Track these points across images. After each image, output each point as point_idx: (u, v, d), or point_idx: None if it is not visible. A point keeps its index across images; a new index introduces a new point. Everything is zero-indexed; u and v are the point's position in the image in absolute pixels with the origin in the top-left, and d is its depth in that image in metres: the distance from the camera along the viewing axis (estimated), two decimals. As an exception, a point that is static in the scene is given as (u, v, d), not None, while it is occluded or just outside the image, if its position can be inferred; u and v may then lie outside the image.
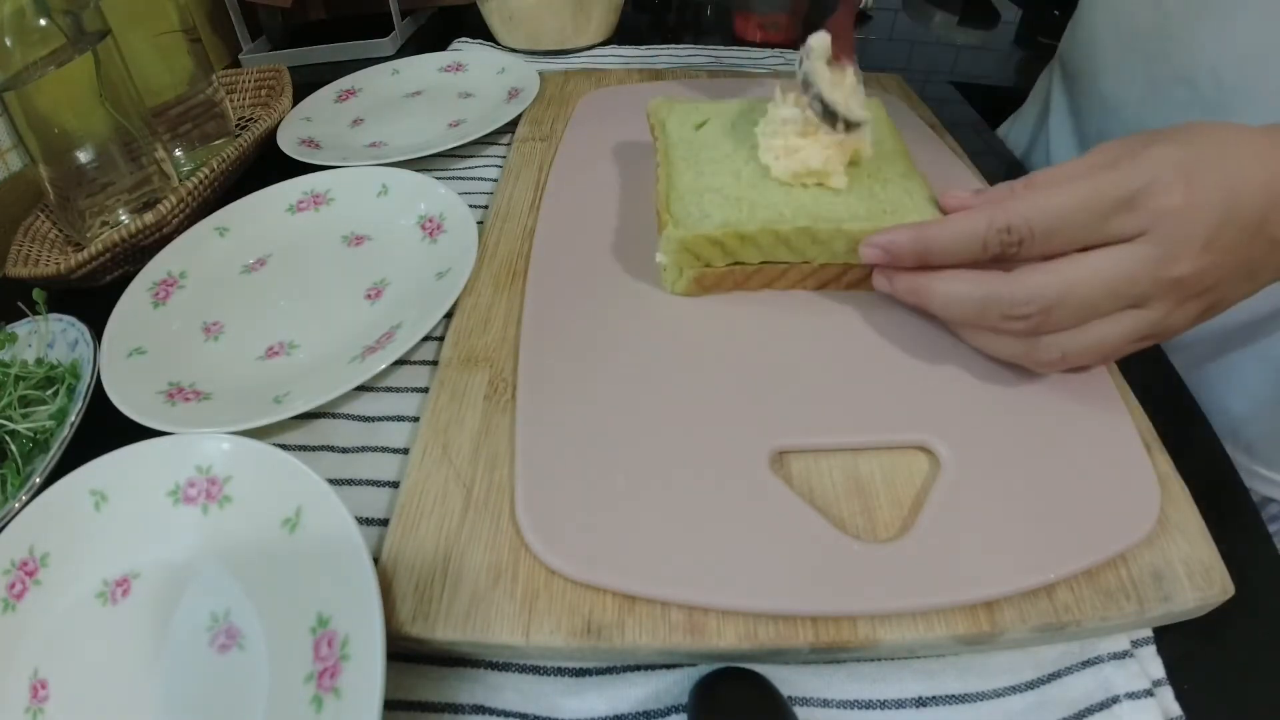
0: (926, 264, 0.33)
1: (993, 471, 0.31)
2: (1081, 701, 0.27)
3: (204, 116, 0.59)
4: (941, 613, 0.27)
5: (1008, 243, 0.30)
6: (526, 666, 0.29)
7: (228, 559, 0.30)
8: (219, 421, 0.35)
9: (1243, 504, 0.34)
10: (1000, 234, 0.30)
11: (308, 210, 0.51)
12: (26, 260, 0.47)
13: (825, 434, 0.33)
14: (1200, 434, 0.37)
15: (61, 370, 0.38)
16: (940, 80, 0.73)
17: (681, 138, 0.44)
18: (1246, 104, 0.42)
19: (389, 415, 0.38)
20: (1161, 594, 0.28)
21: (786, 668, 0.28)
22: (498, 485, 0.32)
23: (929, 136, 0.54)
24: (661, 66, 0.72)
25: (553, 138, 0.55)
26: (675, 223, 0.37)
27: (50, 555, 0.30)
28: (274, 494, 0.30)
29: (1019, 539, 0.29)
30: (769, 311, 0.39)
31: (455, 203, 0.47)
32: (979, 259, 0.31)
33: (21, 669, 0.28)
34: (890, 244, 0.34)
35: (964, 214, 0.32)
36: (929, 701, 0.27)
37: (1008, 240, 0.30)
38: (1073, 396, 0.34)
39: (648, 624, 0.27)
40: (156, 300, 0.44)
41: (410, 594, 0.28)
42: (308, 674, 0.26)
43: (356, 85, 0.68)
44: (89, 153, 0.48)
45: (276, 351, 0.41)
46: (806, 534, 0.29)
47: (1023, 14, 0.94)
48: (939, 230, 0.32)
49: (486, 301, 0.41)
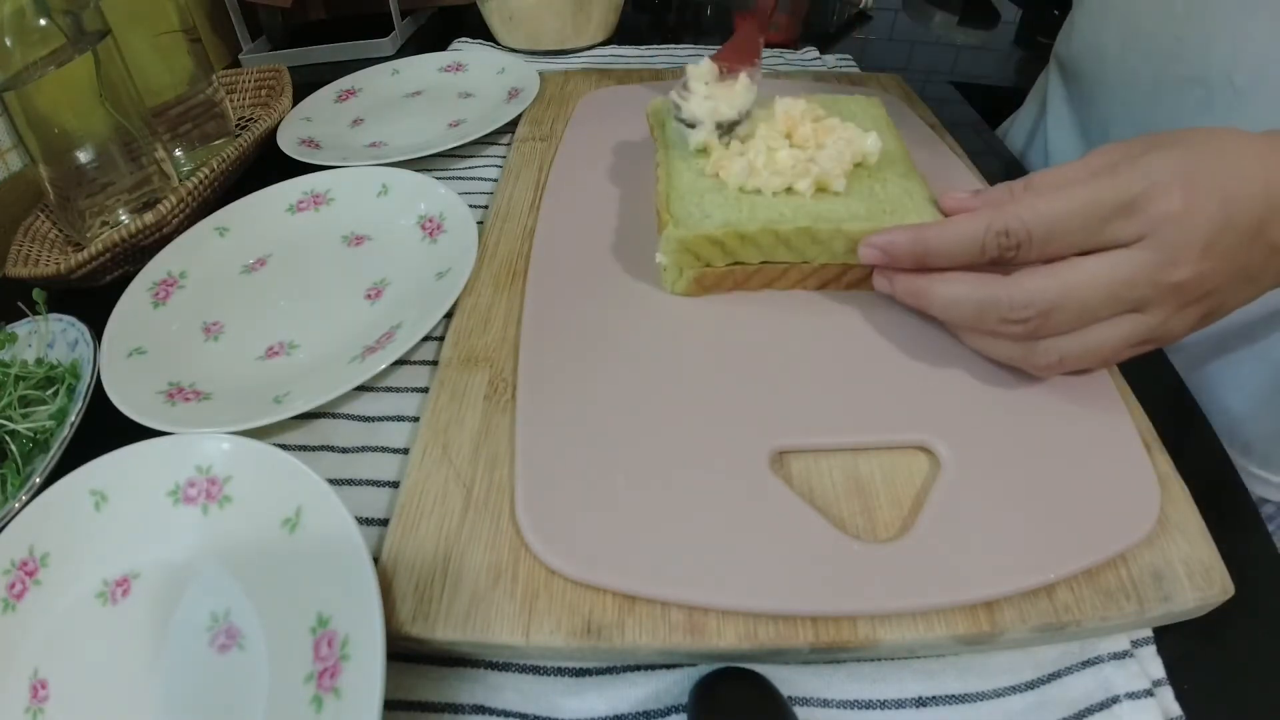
0: (925, 266, 0.33)
1: (993, 472, 0.31)
2: (1081, 701, 0.27)
3: (204, 116, 0.59)
4: (941, 613, 0.27)
5: (1005, 246, 0.30)
6: (526, 666, 0.29)
7: (228, 559, 0.30)
8: (219, 421, 0.35)
9: (1243, 504, 0.34)
10: (998, 237, 0.30)
11: (308, 210, 0.51)
12: (26, 260, 0.47)
13: (825, 434, 0.33)
14: (1200, 434, 0.37)
15: (61, 370, 0.38)
16: (940, 80, 0.74)
17: (681, 137, 0.44)
18: (1260, 105, 0.41)
19: (389, 415, 0.38)
20: (1161, 594, 0.28)
21: (786, 668, 0.28)
22: (498, 485, 0.32)
23: (929, 136, 0.54)
24: (661, 66, 0.72)
25: (553, 138, 0.55)
26: (675, 223, 0.37)
27: (50, 555, 0.30)
28: (274, 494, 0.30)
29: (1019, 539, 0.29)
30: (769, 311, 0.39)
31: (455, 203, 0.47)
32: (977, 261, 0.31)
33: (21, 669, 0.28)
34: (889, 245, 0.34)
35: (963, 216, 0.32)
36: (929, 701, 0.27)
37: (1005, 244, 0.30)
38: (1073, 396, 0.34)
39: (648, 624, 0.27)
40: (156, 300, 0.44)
41: (410, 594, 0.28)
42: (308, 674, 0.26)
43: (356, 85, 0.68)
44: (89, 153, 0.48)
45: (276, 351, 0.41)
46: (806, 534, 0.29)
47: (1023, 14, 0.94)
48: (937, 232, 0.32)
49: (486, 301, 0.41)
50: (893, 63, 0.81)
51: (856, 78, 0.66)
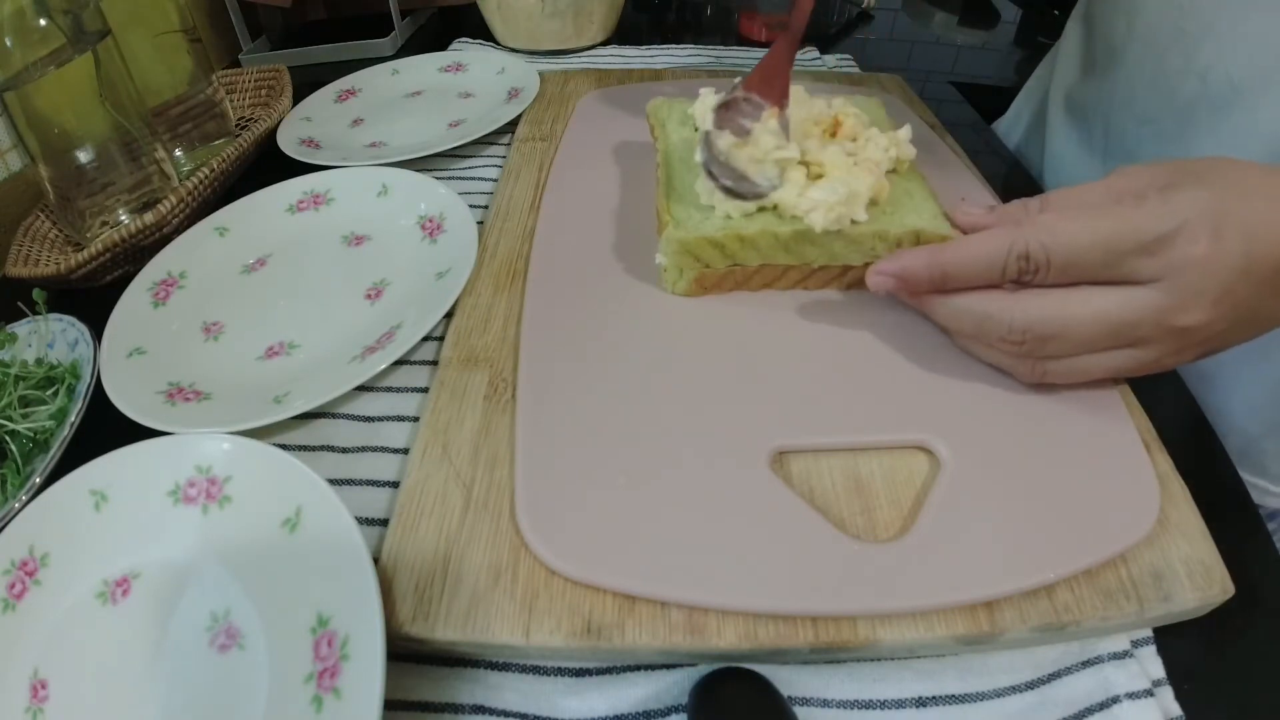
0: (942, 289, 0.33)
1: (993, 471, 0.31)
2: (1081, 701, 0.27)
3: (204, 116, 0.59)
4: (941, 613, 0.27)
5: (1024, 270, 0.30)
6: (526, 666, 0.29)
7: (228, 559, 0.30)
8: (219, 421, 0.35)
9: (1243, 504, 0.34)
10: (1019, 260, 0.30)
11: (308, 210, 0.51)
12: (26, 260, 0.47)
13: (825, 434, 0.33)
14: (1200, 434, 0.37)
15: (61, 370, 0.38)
16: (940, 80, 0.74)
17: (681, 138, 0.44)
18: (1256, 104, 0.41)
19: (389, 415, 0.38)
20: (1161, 594, 0.28)
21: (786, 668, 0.28)
22: (498, 485, 0.32)
23: (929, 136, 0.54)
24: (661, 66, 0.72)
25: (553, 138, 0.55)
26: (675, 223, 0.37)
27: (50, 555, 0.30)
28: (274, 494, 0.30)
29: (1019, 539, 0.29)
30: (769, 312, 0.39)
31: (455, 203, 0.47)
32: (995, 283, 0.31)
33: (21, 669, 0.28)
34: (904, 272, 0.33)
35: (983, 237, 0.31)
36: (929, 701, 0.27)
37: (1025, 268, 0.30)
38: (1073, 396, 0.34)
39: (648, 624, 0.27)
40: (156, 300, 0.44)
41: (410, 594, 0.28)
42: (308, 674, 0.26)
43: (356, 85, 0.68)
44: (89, 153, 0.48)
45: (276, 351, 0.41)
46: (806, 534, 0.29)
47: (1023, 14, 0.94)
48: (955, 256, 0.32)
49: (486, 301, 0.41)
50: (893, 63, 0.81)
51: (856, 78, 0.66)
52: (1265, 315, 0.29)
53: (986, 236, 0.31)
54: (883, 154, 0.38)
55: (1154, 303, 0.28)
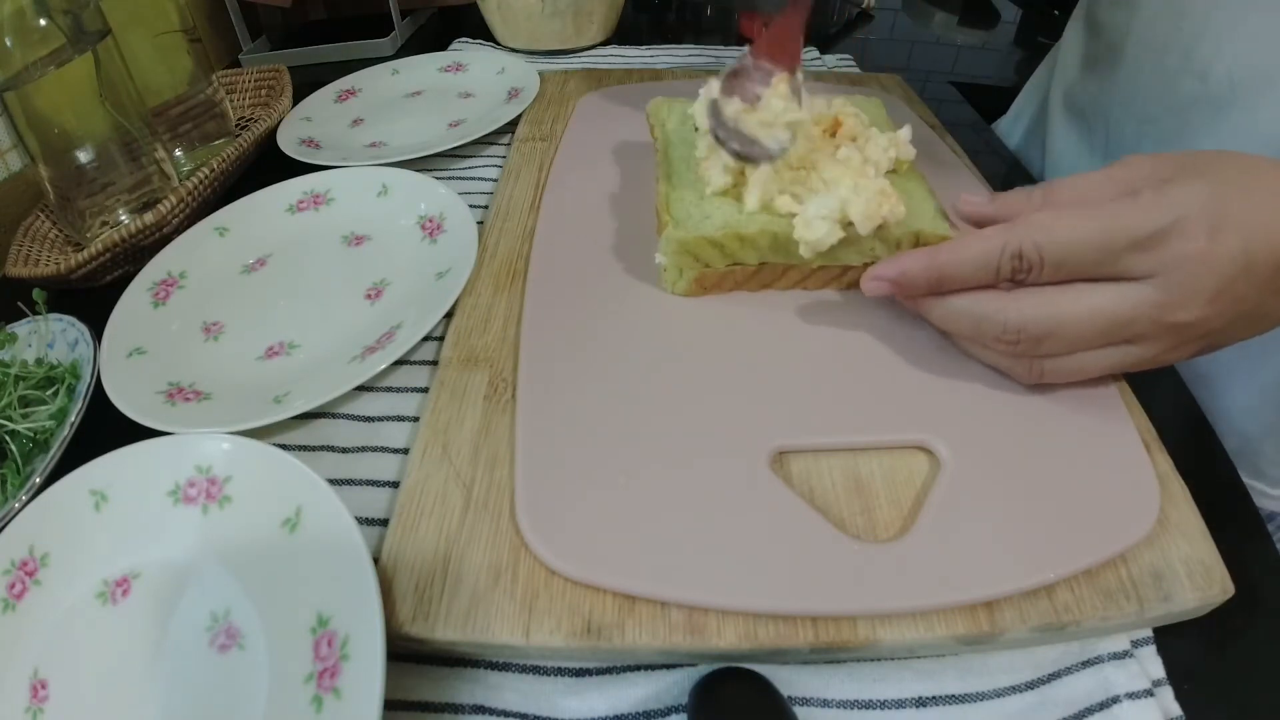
0: (940, 291, 0.33)
1: (993, 471, 0.31)
2: (1081, 701, 0.27)
3: (204, 116, 0.59)
4: (941, 613, 0.27)
5: (1018, 269, 0.30)
6: (526, 666, 0.29)
7: (228, 559, 0.30)
8: (219, 421, 0.35)
9: (1243, 504, 0.34)
10: (1013, 259, 0.30)
11: (308, 210, 0.51)
12: (26, 260, 0.47)
13: (825, 434, 0.33)
14: (1200, 433, 0.37)
15: (61, 370, 0.38)
16: (940, 80, 0.74)
17: (681, 138, 0.44)
18: (1255, 104, 0.41)
19: (389, 415, 0.38)
20: (1161, 594, 0.28)
21: (786, 668, 0.28)
22: (498, 485, 0.32)
23: (929, 136, 0.54)
24: (661, 66, 0.72)
25: (553, 138, 0.55)
26: (675, 223, 0.37)
27: (50, 555, 0.30)
28: (274, 494, 0.30)
29: (1019, 539, 0.29)
30: (769, 311, 0.39)
31: (455, 203, 0.47)
32: (990, 283, 0.31)
33: (21, 669, 0.28)
34: (902, 276, 0.33)
35: (977, 238, 0.31)
36: (929, 701, 0.27)
37: (1018, 266, 0.30)
38: (1072, 396, 0.34)
39: (648, 624, 0.27)
40: (156, 300, 0.44)
41: (410, 594, 0.28)
42: (308, 674, 0.26)
43: (356, 85, 0.68)
44: (89, 153, 0.48)
45: (276, 351, 0.41)
46: (806, 534, 0.29)
47: (1023, 14, 0.94)
48: (951, 257, 0.32)
49: (486, 301, 0.41)
50: (893, 63, 0.81)
51: (856, 78, 0.66)
52: (1267, 313, 0.29)
53: (980, 236, 0.31)
54: (883, 154, 0.38)
55: (1149, 299, 0.28)
